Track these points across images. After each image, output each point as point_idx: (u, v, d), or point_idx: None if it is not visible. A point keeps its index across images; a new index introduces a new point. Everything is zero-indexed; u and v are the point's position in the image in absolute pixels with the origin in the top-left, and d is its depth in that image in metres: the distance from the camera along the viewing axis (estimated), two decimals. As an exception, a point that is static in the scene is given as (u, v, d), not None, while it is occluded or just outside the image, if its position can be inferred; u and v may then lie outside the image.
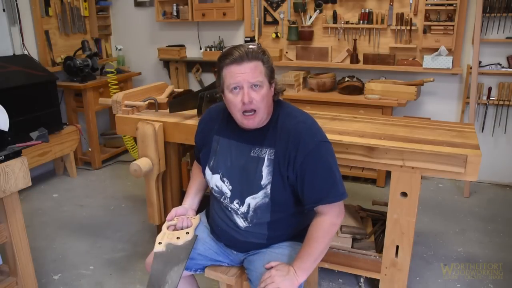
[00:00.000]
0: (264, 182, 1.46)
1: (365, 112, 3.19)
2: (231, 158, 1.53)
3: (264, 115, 1.44)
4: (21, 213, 1.87)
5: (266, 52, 1.45)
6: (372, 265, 2.04)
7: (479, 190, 3.43)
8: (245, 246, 1.59)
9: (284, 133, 1.46)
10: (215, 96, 2.18)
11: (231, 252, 1.63)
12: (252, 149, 1.49)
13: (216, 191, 1.56)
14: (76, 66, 3.71)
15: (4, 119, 1.76)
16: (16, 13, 3.42)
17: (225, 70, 1.41)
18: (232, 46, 1.42)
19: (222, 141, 1.56)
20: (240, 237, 1.56)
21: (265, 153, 1.47)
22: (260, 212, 1.49)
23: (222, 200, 1.55)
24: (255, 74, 1.38)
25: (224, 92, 1.44)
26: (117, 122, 2.42)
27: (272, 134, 1.48)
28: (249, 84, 1.38)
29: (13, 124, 1.82)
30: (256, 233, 1.54)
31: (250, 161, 1.49)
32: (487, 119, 3.44)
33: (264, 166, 1.46)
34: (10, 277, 1.92)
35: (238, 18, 3.84)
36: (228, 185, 1.53)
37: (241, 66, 1.37)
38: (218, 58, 1.44)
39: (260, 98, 1.39)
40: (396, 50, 3.50)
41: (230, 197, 1.53)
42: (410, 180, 1.84)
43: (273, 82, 1.47)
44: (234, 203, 1.52)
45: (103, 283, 2.32)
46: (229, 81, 1.40)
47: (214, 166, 1.56)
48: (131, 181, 3.67)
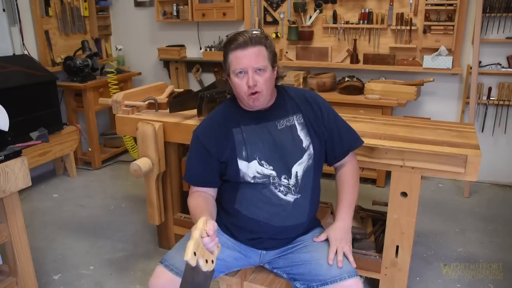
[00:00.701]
0: (306, 143, 1.56)
1: (365, 112, 3.19)
2: (262, 140, 1.54)
3: (267, 96, 1.52)
4: (21, 213, 1.87)
5: (269, 37, 1.53)
6: (372, 265, 2.04)
7: (479, 190, 3.43)
8: (286, 232, 1.57)
9: (302, 99, 1.61)
10: (215, 96, 2.18)
11: (257, 253, 1.61)
12: (277, 124, 1.57)
13: (259, 177, 1.53)
14: (76, 66, 3.71)
15: (4, 119, 1.76)
16: (16, 13, 3.42)
17: (230, 56, 1.48)
18: (236, 32, 1.50)
19: (245, 129, 1.55)
20: (286, 220, 1.54)
21: (293, 120, 1.58)
22: (305, 178, 1.55)
23: (272, 181, 1.52)
24: (259, 59, 1.46)
25: (230, 76, 1.51)
26: (117, 122, 2.42)
27: (290, 103, 1.60)
28: (253, 68, 1.45)
29: (13, 124, 1.82)
30: (301, 206, 1.56)
31: (282, 133, 1.55)
32: (487, 119, 3.44)
33: (299, 131, 1.57)
34: (10, 277, 1.91)
35: (238, 18, 3.84)
36: (268, 166, 1.53)
37: (245, 51, 1.45)
38: (224, 44, 1.52)
39: (263, 81, 1.47)
40: (396, 50, 3.50)
41: (277, 176, 1.53)
42: (410, 180, 1.84)
43: (276, 65, 1.54)
44: (282, 179, 1.53)
45: (103, 283, 2.32)
46: (234, 66, 1.47)
47: (248, 155, 1.53)
48: (131, 181, 3.67)
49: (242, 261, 1.61)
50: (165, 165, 2.34)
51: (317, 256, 1.49)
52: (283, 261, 1.58)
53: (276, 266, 1.61)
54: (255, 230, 1.56)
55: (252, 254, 1.61)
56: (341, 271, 1.42)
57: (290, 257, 1.56)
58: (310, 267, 1.48)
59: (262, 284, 1.59)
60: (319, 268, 1.45)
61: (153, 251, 2.61)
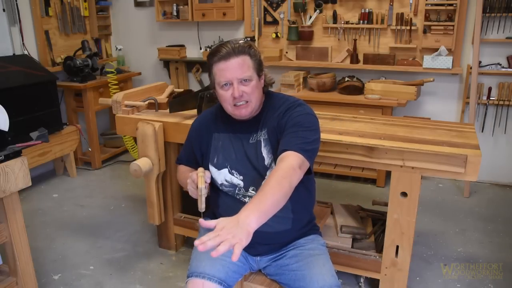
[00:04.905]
0: (268, 161, 1.52)
1: (365, 112, 3.19)
2: (234, 150, 1.56)
3: (256, 105, 1.51)
4: (21, 213, 1.87)
5: (253, 45, 1.50)
6: (372, 265, 2.04)
7: (479, 190, 3.43)
8: (273, 238, 1.54)
9: (272, 110, 1.55)
10: (215, 96, 2.17)
11: (253, 259, 1.61)
12: (250, 137, 1.56)
13: (227, 185, 1.56)
14: (76, 66, 3.71)
15: (4, 119, 1.76)
16: (16, 13, 3.42)
17: (214, 68, 1.48)
18: (219, 43, 1.48)
19: (223, 136, 1.60)
20: (268, 227, 1.40)
21: (260, 135, 1.54)
22: None
23: (237, 192, 1.55)
24: (243, 69, 1.44)
25: (216, 88, 1.51)
26: (117, 122, 2.42)
27: (265, 115, 1.56)
28: (238, 80, 1.45)
29: (13, 124, 1.82)
30: (280, 216, 1.37)
31: (250, 148, 1.54)
32: (487, 119, 3.44)
33: (262, 147, 1.53)
34: (10, 277, 1.91)
35: (238, 18, 3.84)
36: (238, 175, 1.54)
37: (228, 62, 1.44)
38: (207, 56, 1.51)
39: (250, 91, 1.46)
40: (396, 50, 3.50)
41: (244, 186, 1.53)
42: (410, 180, 1.84)
43: (262, 74, 1.52)
44: (250, 190, 1.53)
45: (103, 283, 2.32)
46: (219, 78, 1.47)
47: (219, 162, 1.58)
48: (131, 181, 3.67)
49: (245, 266, 1.62)
50: (165, 165, 2.34)
51: (303, 267, 1.48)
52: (274, 269, 1.59)
53: (268, 273, 1.62)
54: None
55: (250, 259, 1.62)
56: (323, 284, 1.40)
57: (279, 264, 1.56)
58: (294, 277, 1.48)
59: (261, 284, 1.60)
60: (303, 280, 1.44)
61: (153, 251, 2.61)
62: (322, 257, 1.53)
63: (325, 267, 1.47)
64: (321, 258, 1.52)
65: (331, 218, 2.38)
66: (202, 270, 1.44)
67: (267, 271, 1.62)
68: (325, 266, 1.48)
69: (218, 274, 1.43)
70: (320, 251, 1.56)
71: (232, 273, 1.50)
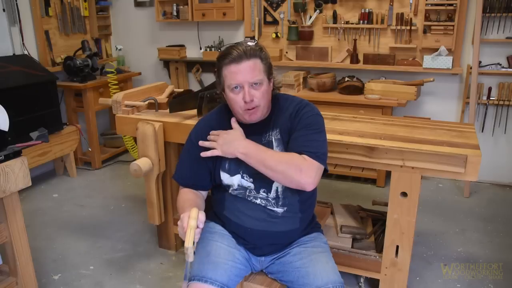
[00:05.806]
0: None
1: (365, 112, 3.19)
2: None
3: (265, 109, 1.50)
4: (21, 213, 1.87)
5: (264, 48, 1.48)
6: (372, 265, 2.04)
7: (479, 190, 3.43)
8: (280, 238, 1.55)
9: (280, 110, 1.55)
10: (215, 96, 2.18)
11: (257, 259, 1.61)
12: (263, 138, 1.53)
13: (238, 189, 1.55)
14: (76, 66, 3.71)
15: (4, 119, 1.76)
16: (16, 13, 3.42)
17: (224, 70, 1.44)
18: (230, 45, 1.46)
19: None
20: (277, 227, 1.53)
21: (271, 135, 1.53)
22: (287, 192, 1.51)
23: (248, 194, 1.54)
24: (255, 73, 1.42)
25: (225, 91, 1.48)
26: (117, 122, 2.42)
27: (275, 116, 1.55)
28: (249, 83, 1.42)
29: (13, 124, 1.82)
30: (289, 216, 1.53)
31: None
32: (487, 119, 3.44)
33: (275, 147, 1.52)
34: (10, 277, 1.91)
35: (238, 18, 3.84)
36: (249, 178, 1.53)
37: (240, 65, 1.41)
38: (217, 58, 1.47)
39: (260, 95, 1.45)
40: (396, 50, 3.50)
41: (255, 188, 1.52)
42: (410, 180, 1.84)
43: (272, 77, 1.51)
44: (260, 192, 1.52)
45: (103, 283, 2.32)
46: (229, 81, 1.44)
47: (232, 168, 1.54)
48: (131, 181, 3.67)
49: (247, 268, 1.61)
50: (165, 165, 2.34)
51: (307, 264, 1.48)
52: (277, 267, 1.58)
53: (270, 272, 1.62)
54: (248, 237, 1.57)
55: (254, 260, 1.62)
56: (327, 281, 1.40)
57: (283, 262, 1.56)
58: (298, 274, 1.48)
59: (262, 284, 1.60)
60: (306, 277, 1.44)
61: (153, 251, 2.61)
62: (325, 254, 1.53)
63: (329, 265, 1.47)
64: (324, 255, 1.52)
65: (331, 218, 2.38)
66: (205, 274, 1.43)
67: (269, 269, 1.62)
68: (329, 263, 1.48)
69: (221, 278, 1.43)
70: (323, 249, 1.56)
71: (234, 276, 1.50)
